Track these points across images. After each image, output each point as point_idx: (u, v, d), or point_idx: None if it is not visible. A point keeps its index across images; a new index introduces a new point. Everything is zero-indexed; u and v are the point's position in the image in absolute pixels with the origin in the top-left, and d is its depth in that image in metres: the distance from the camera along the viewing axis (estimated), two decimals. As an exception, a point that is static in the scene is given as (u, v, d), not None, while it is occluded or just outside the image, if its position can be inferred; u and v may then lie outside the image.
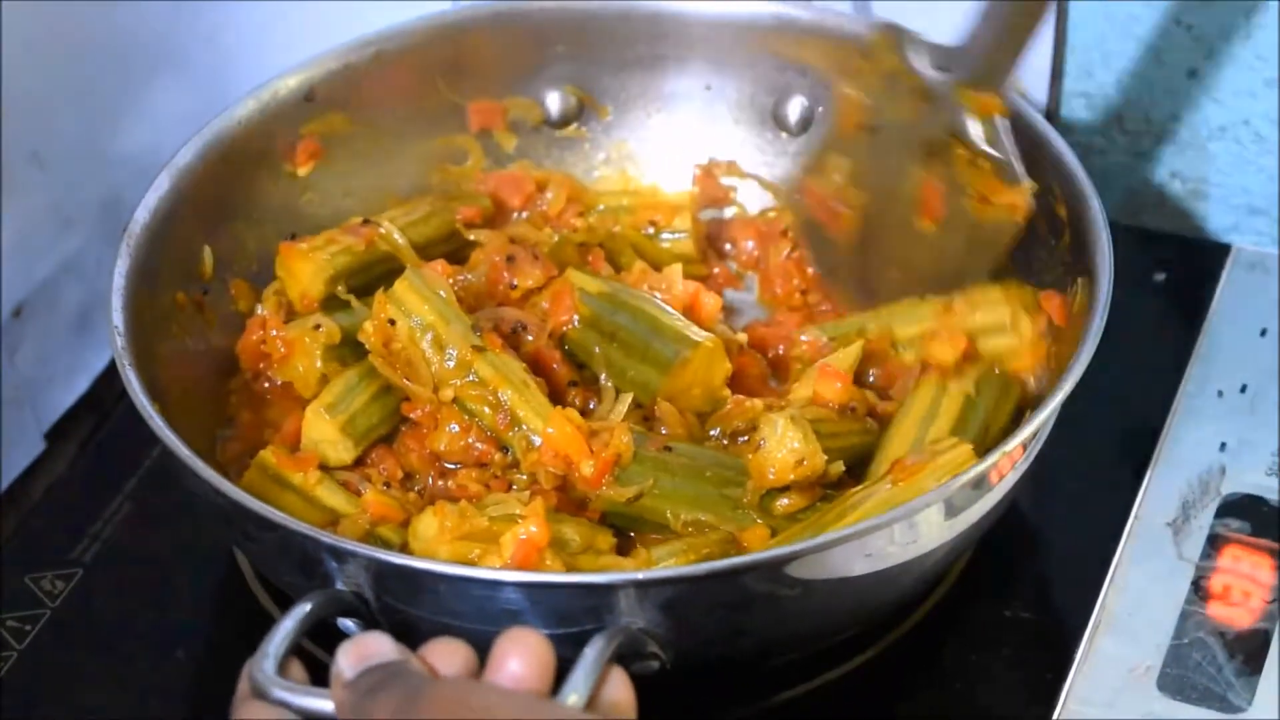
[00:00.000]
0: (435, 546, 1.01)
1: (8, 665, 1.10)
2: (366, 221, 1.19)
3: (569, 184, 1.29)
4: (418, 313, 1.08)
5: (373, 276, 1.16)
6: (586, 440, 1.06)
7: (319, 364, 1.12)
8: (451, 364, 1.08)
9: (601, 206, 1.28)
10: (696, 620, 0.96)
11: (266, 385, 1.15)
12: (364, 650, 0.83)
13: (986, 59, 1.11)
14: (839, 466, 1.06)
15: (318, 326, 1.13)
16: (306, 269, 1.16)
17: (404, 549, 1.04)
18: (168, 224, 1.14)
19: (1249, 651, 1.05)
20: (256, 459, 1.09)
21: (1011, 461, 1.02)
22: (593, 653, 0.85)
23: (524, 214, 1.27)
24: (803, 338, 1.17)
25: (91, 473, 1.24)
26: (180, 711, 1.09)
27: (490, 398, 1.07)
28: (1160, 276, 1.30)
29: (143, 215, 1.13)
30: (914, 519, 0.97)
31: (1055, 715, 1.04)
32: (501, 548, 0.99)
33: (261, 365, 1.15)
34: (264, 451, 1.09)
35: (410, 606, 0.96)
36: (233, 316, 1.18)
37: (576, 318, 1.14)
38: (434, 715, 0.78)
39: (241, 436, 1.14)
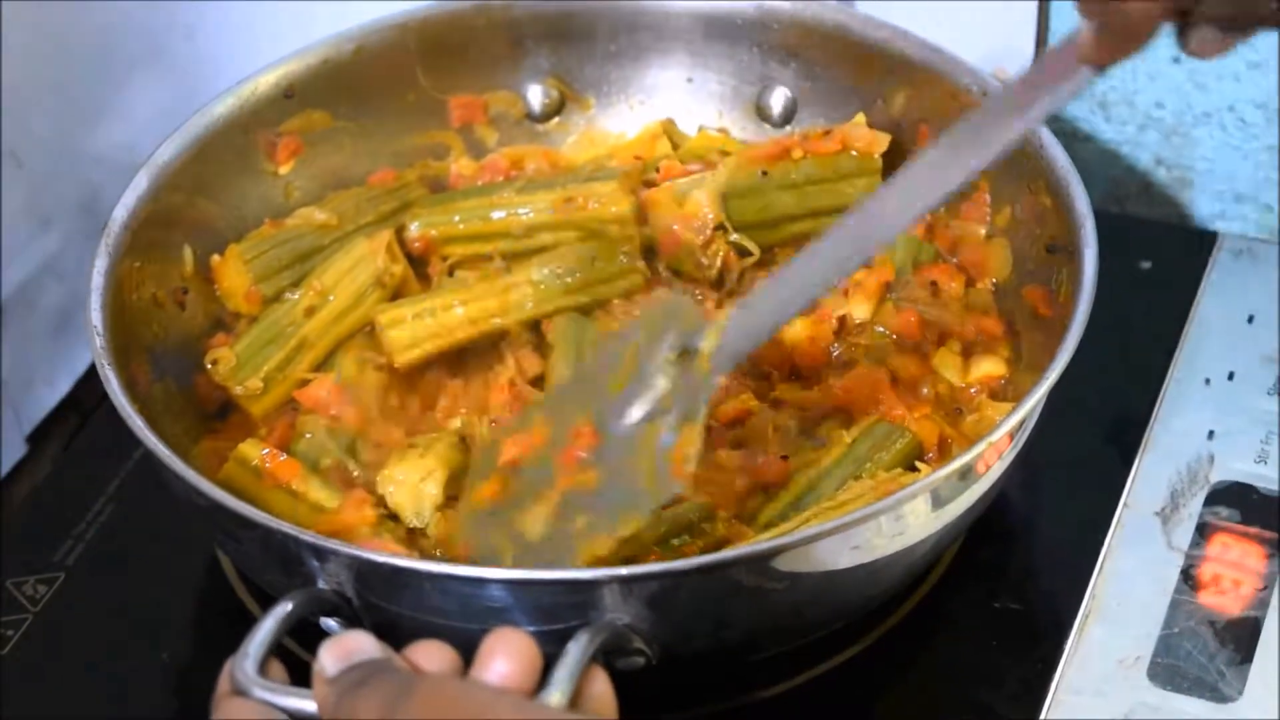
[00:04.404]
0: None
1: (-10, 670, 1.10)
2: None
3: (546, 154, 1.28)
4: None
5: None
6: None
7: (239, 388, 1.14)
8: None
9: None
10: (681, 615, 0.95)
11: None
12: (346, 648, 0.82)
13: None
14: None
15: (214, 363, 1.14)
16: (229, 271, 1.16)
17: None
18: (147, 223, 1.13)
19: (1239, 640, 1.05)
20: (235, 452, 1.08)
21: (998, 452, 1.01)
22: (576, 650, 0.85)
23: None
24: None
25: (74, 475, 1.23)
26: (164, 715, 1.08)
27: None
28: (1146, 264, 1.30)
29: (121, 214, 1.12)
30: (900, 510, 0.97)
31: (1045, 706, 1.03)
32: None
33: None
34: (244, 444, 1.08)
35: (393, 604, 0.95)
36: (215, 315, 1.18)
37: None
38: (424, 711, 0.77)
39: (228, 436, 1.13)
